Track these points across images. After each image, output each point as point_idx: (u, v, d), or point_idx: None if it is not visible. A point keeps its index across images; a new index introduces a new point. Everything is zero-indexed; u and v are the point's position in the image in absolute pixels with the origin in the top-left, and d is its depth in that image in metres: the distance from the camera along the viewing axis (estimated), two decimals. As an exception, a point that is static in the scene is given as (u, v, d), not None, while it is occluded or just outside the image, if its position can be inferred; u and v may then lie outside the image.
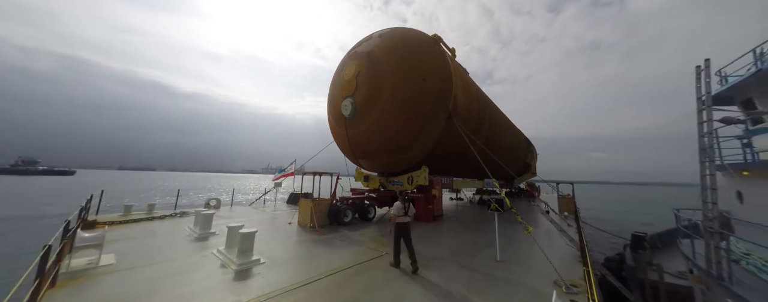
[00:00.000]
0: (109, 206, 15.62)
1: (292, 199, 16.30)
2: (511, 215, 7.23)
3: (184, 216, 10.55)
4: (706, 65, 5.98)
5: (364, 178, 12.90)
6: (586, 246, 6.29)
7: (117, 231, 7.86)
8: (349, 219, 9.96)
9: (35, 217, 18.84)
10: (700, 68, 6.07)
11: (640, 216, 33.51)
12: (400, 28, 10.80)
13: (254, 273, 5.18)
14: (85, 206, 8.16)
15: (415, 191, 11.49)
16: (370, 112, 9.58)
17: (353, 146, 10.87)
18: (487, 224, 10.38)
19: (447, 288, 4.65)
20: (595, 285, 4.42)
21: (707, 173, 5.77)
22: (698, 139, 6.01)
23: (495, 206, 7.05)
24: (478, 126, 12.69)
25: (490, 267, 5.76)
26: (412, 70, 9.35)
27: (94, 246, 5.26)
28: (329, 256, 6.27)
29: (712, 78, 6.07)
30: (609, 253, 12.06)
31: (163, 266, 5.38)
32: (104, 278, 4.74)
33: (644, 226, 20.77)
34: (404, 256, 5.58)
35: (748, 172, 7.05)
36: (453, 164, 12.80)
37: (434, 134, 10.09)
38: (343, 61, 11.39)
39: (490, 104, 15.37)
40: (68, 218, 5.23)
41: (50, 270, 4.01)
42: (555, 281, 4.99)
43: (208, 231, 7.88)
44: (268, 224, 9.76)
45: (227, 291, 4.40)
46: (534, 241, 6.99)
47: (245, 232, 5.64)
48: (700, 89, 6.07)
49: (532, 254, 6.64)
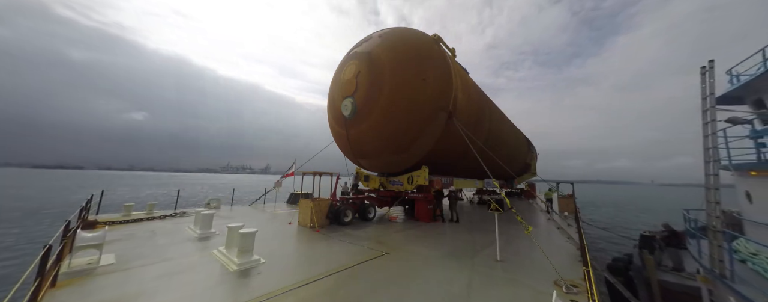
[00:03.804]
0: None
1: (292, 199, 16.32)
2: (511, 215, 7.23)
3: (184, 216, 10.57)
4: (710, 66, 5.97)
5: (365, 178, 12.93)
6: (586, 245, 6.30)
7: (117, 231, 7.87)
8: (349, 219, 9.96)
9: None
10: (705, 69, 6.06)
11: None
12: (400, 29, 10.80)
13: (254, 272, 5.18)
14: (85, 206, 8.17)
15: (415, 191, 11.50)
16: (370, 112, 9.58)
17: (353, 146, 10.88)
18: (487, 224, 10.39)
19: (447, 288, 4.66)
20: (595, 285, 4.42)
21: (711, 173, 5.77)
22: (703, 139, 6.02)
23: (495, 206, 7.05)
24: (478, 126, 12.69)
25: (490, 267, 5.76)
26: (412, 70, 9.35)
27: (95, 245, 5.26)
28: (329, 256, 6.27)
29: (719, 78, 6.05)
30: (615, 253, 12.07)
31: (164, 266, 5.38)
32: (104, 278, 4.74)
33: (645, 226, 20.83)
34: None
35: (756, 172, 7.05)
36: (453, 164, 12.80)
37: (434, 134, 10.09)
38: (343, 62, 11.39)
39: (490, 104, 15.37)
40: (68, 218, 5.23)
41: (51, 270, 4.02)
42: (555, 281, 4.99)
43: (208, 230, 7.89)
44: (268, 224, 9.76)
45: (227, 291, 4.40)
46: (534, 241, 6.99)
47: (245, 232, 5.64)
48: (704, 89, 6.06)
49: (532, 254, 6.65)
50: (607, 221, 28.80)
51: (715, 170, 5.77)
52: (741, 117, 6.89)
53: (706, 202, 5.83)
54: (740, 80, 7.79)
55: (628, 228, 23.21)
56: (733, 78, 8.14)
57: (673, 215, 13.32)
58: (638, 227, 18.66)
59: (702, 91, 6.14)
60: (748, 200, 7.28)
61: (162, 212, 10.89)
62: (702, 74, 6.11)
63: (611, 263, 9.93)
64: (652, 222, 24.02)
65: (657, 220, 13.39)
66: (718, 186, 5.69)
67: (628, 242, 14.30)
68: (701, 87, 6.13)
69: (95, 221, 8.70)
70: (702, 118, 6.11)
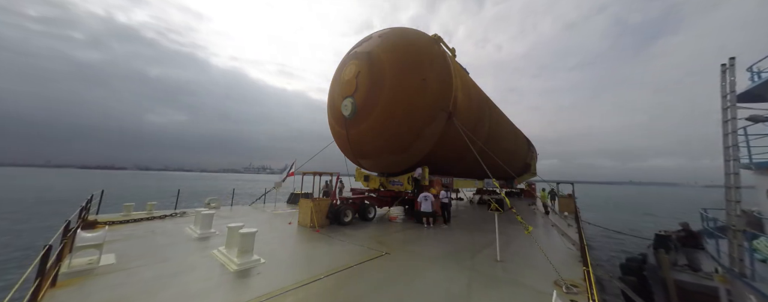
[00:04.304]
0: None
1: (292, 199, 16.31)
2: (511, 215, 7.22)
3: (184, 216, 10.56)
4: (731, 63, 5.86)
5: (364, 178, 12.92)
6: (587, 245, 6.29)
7: (117, 231, 7.86)
8: (349, 219, 9.96)
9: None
10: (726, 66, 5.96)
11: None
12: (400, 28, 10.80)
13: (254, 272, 5.18)
14: (85, 206, 8.17)
15: (415, 191, 11.49)
16: (370, 112, 9.58)
17: (353, 146, 10.88)
18: (487, 224, 10.38)
19: (447, 288, 4.65)
20: (595, 285, 4.42)
21: (731, 172, 5.70)
22: (722, 137, 5.92)
23: (495, 206, 7.05)
24: (478, 126, 12.69)
25: (490, 267, 5.76)
26: (412, 70, 9.35)
27: (95, 245, 5.26)
28: (329, 256, 6.27)
29: (741, 75, 5.94)
30: (631, 253, 11.89)
31: (164, 266, 5.38)
32: (105, 278, 4.74)
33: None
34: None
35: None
36: (453, 164, 12.81)
37: (434, 134, 10.09)
38: (343, 62, 11.39)
39: (491, 104, 15.37)
40: (68, 218, 5.23)
41: (51, 270, 4.02)
42: (555, 281, 4.99)
43: (208, 230, 7.89)
44: (268, 224, 9.75)
45: (228, 291, 4.40)
46: (534, 241, 6.99)
47: (245, 232, 5.64)
48: (724, 87, 5.95)
49: (532, 254, 6.64)
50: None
51: (735, 169, 5.70)
52: (763, 115, 6.75)
53: (727, 201, 5.72)
54: (761, 77, 7.61)
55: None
56: (755, 75, 7.94)
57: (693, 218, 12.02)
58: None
59: (722, 89, 6.02)
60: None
61: (162, 212, 10.89)
62: (722, 72, 5.98)
63: (625, 262, 9.82)
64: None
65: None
66: (739, 185, 5.60)
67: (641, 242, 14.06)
68: (721, 85, 6.00)
69: (95, 221, 8.70)
70: (722, 116, 6.01)
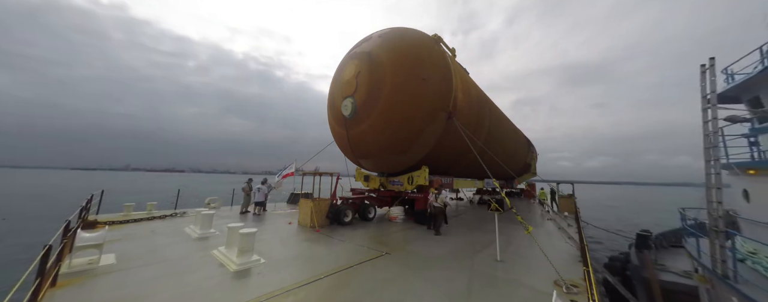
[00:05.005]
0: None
1: (292, 199, 16.30)
2: (511, 215, 7.22)
3: (184, 216, 10.56)
4: (711, 64, 5.94)
5: (364, 178, 12.91)
6: (587, 245, 6.29)
7: (117, 231, 7.87)
8: (349, 219, 9.96)
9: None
10: (705, 67, 6.03)
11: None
12: (400, 28, 10.79)
13: (254, 272, 5.18)
14: (85, 206, 8.17)
15: (415, 191, 11.49)
16: (370, 112, 9.57)
17: (353, 146, 10.87)
18: (487, 224, 10.38)
19: (447, 288, 4.66)
20: (595, 285, 4.42)
21: (712, 172, 5.75)
22: (703, 138, 5.99)
23: (495, 206, 7.05)
24: (478, 126, 12.68)
25: (490, 267, 5.76)
26: (412, 70, 9.35)
27: (95, 245, 5.26)
28: (329, 256, 6.27)
29: (718, 76, 6.03)
30: (612, 252, 12.03)
31: (164, 266, 5.38)
32: (105, 278, 4.74)
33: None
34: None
35: (754, 171, 7.04)
36: (453, 164, 12.80)
37: (434, 134, 10.08)
38: (343, 61, 11.39)
39: (491, 104, 15.37)
40: (68, 218, 5.23)
41: (51, 270, 4.02)
42: (555, 281, 4.99)
43: (208, 230, 7.89)
44: (268, 224, 9.76)
45: (227, 291, 4.40)
46: (534, 241, 6.99)
47: (245, 232, 5.64)
48: (704, 88, 6.03)
49: (532, 254, 6.64)
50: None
51: (716, 170, 5.76)
52: (740, 116, 6.87)
53: (707, 201, 5.79)
54: (735, 79, 7.77)
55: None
56: (729, 77, 8.12)
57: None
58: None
59: (702, 89, 6.11)
60: (745, 198, 7.28)
61: (161, 213, 10.89)
62: (702, 72, 6.08)
63: (608, 262, 9.90)
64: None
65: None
66: (720, 186, 5.67)
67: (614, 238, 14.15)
68: (701, 86, 6.11)
69: (95, 221, 8.70)
70: (702, 116, 6.10)
